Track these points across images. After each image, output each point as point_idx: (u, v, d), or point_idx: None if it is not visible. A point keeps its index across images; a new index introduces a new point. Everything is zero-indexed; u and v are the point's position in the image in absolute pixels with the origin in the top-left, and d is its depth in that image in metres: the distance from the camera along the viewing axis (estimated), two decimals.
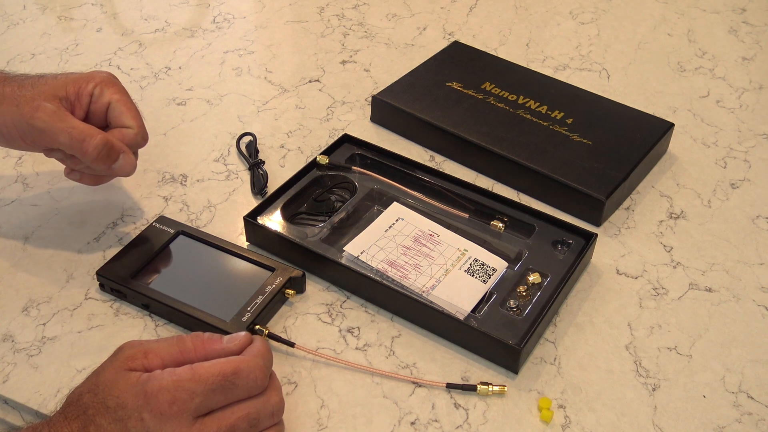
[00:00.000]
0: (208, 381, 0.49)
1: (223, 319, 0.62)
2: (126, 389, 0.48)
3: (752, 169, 0.84)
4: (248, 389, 0.51)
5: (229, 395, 0.50)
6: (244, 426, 0.50)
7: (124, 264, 0.67)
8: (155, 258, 0.68)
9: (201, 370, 0.49)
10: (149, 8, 1.10)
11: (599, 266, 0.72)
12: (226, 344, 0.53)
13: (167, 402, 0.48)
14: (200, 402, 0.48)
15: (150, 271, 0.66)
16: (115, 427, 0.48)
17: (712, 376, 0.62)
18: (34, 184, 0.78)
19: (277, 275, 0.66)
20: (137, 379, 0.49)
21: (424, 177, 0.77)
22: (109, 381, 0.49)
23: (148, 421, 0.47)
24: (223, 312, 0.63)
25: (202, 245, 0.69)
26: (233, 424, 0.49)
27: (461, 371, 0.62)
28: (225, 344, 0.53)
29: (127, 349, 0.51)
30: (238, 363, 0.50)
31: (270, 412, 0.52)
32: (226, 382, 0.49)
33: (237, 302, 0.63)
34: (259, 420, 0.51)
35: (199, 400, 0.48)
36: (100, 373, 0.50)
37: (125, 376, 0.49)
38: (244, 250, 0.69)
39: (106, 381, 0.49)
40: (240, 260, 0.68)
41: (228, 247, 0.69)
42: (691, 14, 1.12)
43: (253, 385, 0.51)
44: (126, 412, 0.48)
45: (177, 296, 0.64)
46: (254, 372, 0.51)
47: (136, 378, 0.49)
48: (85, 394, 0.49)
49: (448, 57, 0.94)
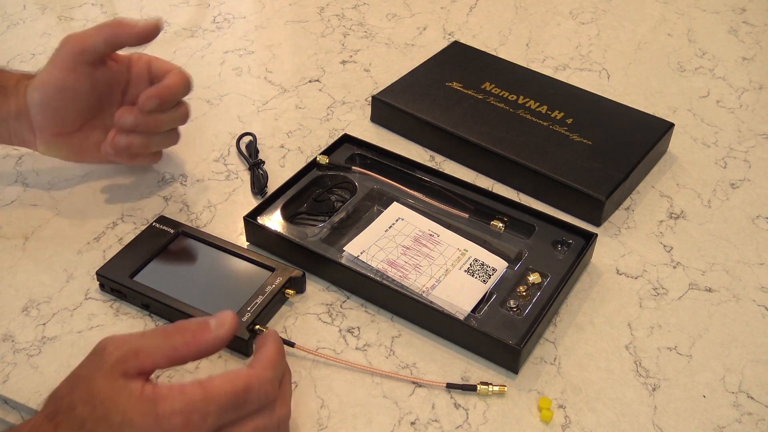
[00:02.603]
0: (220, 401, 0.47)
1: None
2: (132, 406, 0.46)
3: (752, 169, 0.84)
4: (259, 403, 0.50)
5: (242, 412, 0.49)
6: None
7: (124, 264, 0.67)
8: (155, 258, 0.68)
9: (212, 389, 0.48)
10: (149, 8, 1.10)
11: (599, 266, 0.72)
12: (216, 332, 0.50)
13: (181, 425, 0.46)
14: (213, 422, 0.47)
15: (150, 271, 0.66)
16: None
17: (712, 376, 0.62)
18: (34, 184, 0.78)
19: (277, 275, 0.66)
20: (141, 393, 0.46)
21: (424, 177, 0.77)
22: (108, 392, 0.46)
23: None
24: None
25: (202, 245, 0.69)
26: None
27: (461, 371, 0.62)
28: (215, 332, 0.50)
29: (112, 350, 0.48)
30: (249, 378, 0.49)
31: (277, 423, 0.51)
32: (239, 400, 0.48)
33: (237, 302, 0.63)
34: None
35: (212, 420, 0.47)
36: (89, 379, 0.47)
37: (126, 387, 0.47)
38: (244, 250, 0.69)
39: (103, 392, 0.46)
40: (240, 260, 0.68)
41: (228, 247, 0.69)
42: (691, 14, 1.12)
43: (264, 399, 0.50)
44: (134, 430, 0.45)
45: (177, 296, 0.64)
46: (265, 386, 0.50)
47: (139, 391, 0.47)
48: (79, 406, 0.46)
49: (448, 57, 0.94)
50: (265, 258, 0.68)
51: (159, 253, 0.68)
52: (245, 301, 0.63)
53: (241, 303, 0.63)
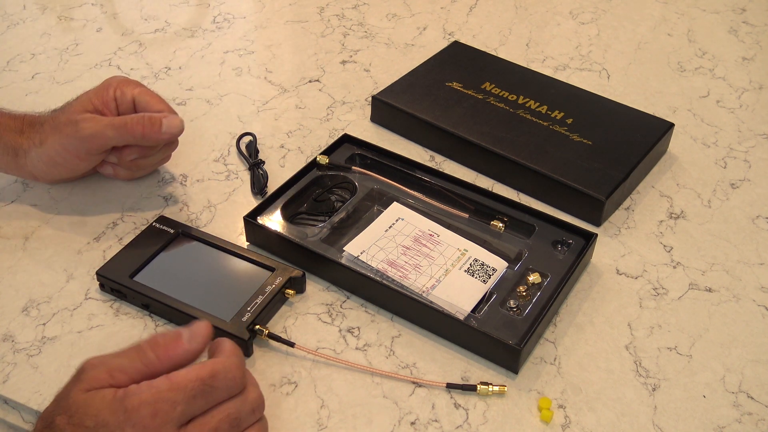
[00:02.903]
0: (187, 388, 0.48)
1: (223, 318, 0.62)
2: (103, 407, 0.47)
3: (752, 169, 0.84)
4: (228, 389, 0.50)
5: (210, 399, 0.49)
6: (226, 427, 0.50)
7: (124, 264, 0.67)
8: (155, 258, 0.68)
9: (178, 378, 0.48)
10: (149, 8, 1.10)
11: (599, 266, 0.72)
12: (188, 345, 0.51)
13: (149, 415, 0.47)
14: (182, 410, 0.48)
15: (150, 271, 0.66)
16: None
17: (712, 376, 0.62)
18: (34, 184, 0.78)
19: (277, 275, 0.66)
20: (113, 396, 0.48)
21: (424, 177, 0.77)
22: (82, 402, 0.47)
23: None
24: (224, 312, 0.63)
25: (203, 245, 0.69)
26: (215, 427, 0.49)
27: (461, 371, 0.62)
28: (187, 345, 0.51)
29: (89, 370, 0.49)
30: (214, 365, 0.50)
31: (251, 409, 0.52)
32: (205, 386, 0.49)
33: (237, 302, 0.63)
34: (240, 419, 0.51)
35: (181, 409, 0.48)
36: (66, 396, 0.49)
37: (98, 394, 0.48)
38: (244, 250, 0.69)
39: (77, 402, 0.48)
40: (240, 260, 0.68)
41: (228, 247, 0.69)
42: (691, 14, 1.12)
43: (231, 385, 0.50)
44: (108, 429, 0.47)
45: (177, 296, 0.64)
46: (231, 371, 0.50)
47: (112, 394, 0.48)
48: (57, 417, 0.48)
49: (448, 57, 0.94)
50: (265, 258, 0.68)
51: (159, 253, 0.68)
52: (245, 301, 0.63)
53: (241, 303, 0.63)
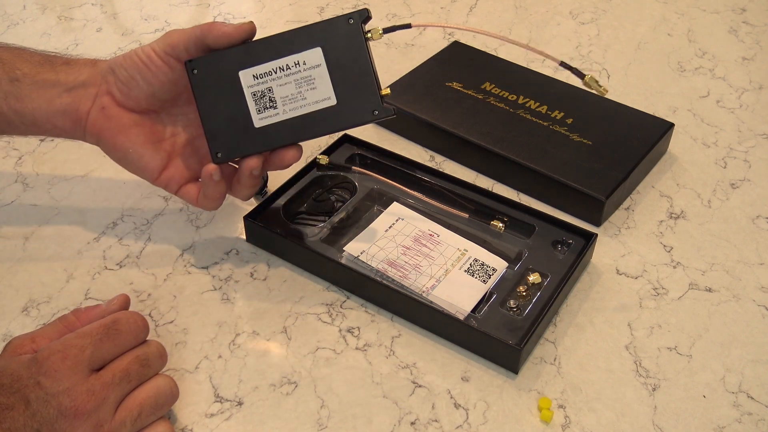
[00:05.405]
0: (93, 333, 0.52)
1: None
2: (18, 366, 0.51)
3: (752, 169, 0.84)
4: (133, 334, 0.54)
5: (117, 342, 0.53)
6: (137, 367, 0.53)
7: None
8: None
9: (85, 328, 0.53)
10: (149, 8, 1.10)
11: (599, 266, 0.72)
12: (106, 307, 0.57)
13: (59, 360, 0.50)
14: (91, 353, 0.51)
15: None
16: (13, 400, 0.48)
17: (712, 376, 0.62)
18: (34, 184, 0.78)
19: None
20: (28, 357, 0.52)
21: (424, 177, 0.77)
22: (3, 367, 0.51)
23: (45, 384, 0.49)
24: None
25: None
26: (126, 368, 0.52)
27: (461, 371, 0.62)
28: (105, 307, 0.57)
29: (14, 341, 0.55)
30: (117, 314, 0.55)
31: (158, 352, 0.55)
32: (110, 330, 0.53)
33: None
34: (149, 359, 0.54)
35: (90, 351, 0.51)
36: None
37: (16, 358, 0.52)
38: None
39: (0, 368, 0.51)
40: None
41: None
42: (691, 14, 1.12)
43: (135, 328, 0.54)
44: (22, 382, 0.49)
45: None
46: (133, 317, 0.55)
47: (28, 357, 0.52)
48: None
49: (448, 57, 0.94)
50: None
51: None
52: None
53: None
